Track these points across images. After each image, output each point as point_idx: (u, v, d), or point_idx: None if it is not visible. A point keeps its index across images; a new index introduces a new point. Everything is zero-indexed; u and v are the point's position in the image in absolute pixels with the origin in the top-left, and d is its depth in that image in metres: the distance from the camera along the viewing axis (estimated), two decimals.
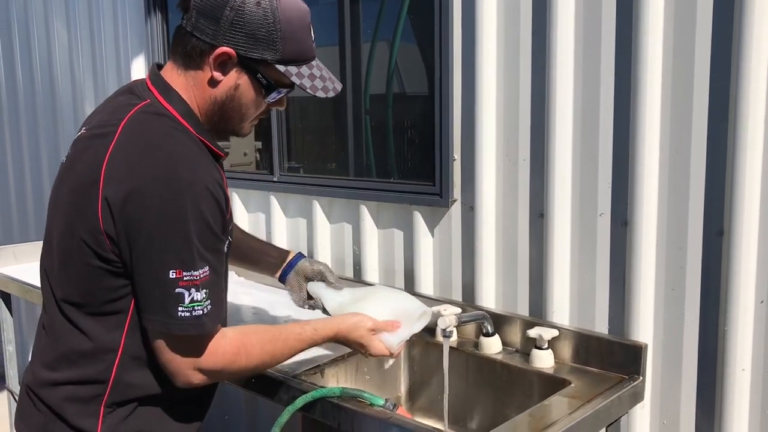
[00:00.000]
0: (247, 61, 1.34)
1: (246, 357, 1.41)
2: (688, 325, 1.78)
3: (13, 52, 4.25)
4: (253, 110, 1.43)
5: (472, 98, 2.09)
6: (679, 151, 1.74)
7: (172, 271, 1.25)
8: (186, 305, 1.27)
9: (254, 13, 1.31)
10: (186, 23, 1.35)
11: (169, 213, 1.24)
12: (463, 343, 2.07)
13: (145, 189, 1.24)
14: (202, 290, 1.28)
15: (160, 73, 1.41)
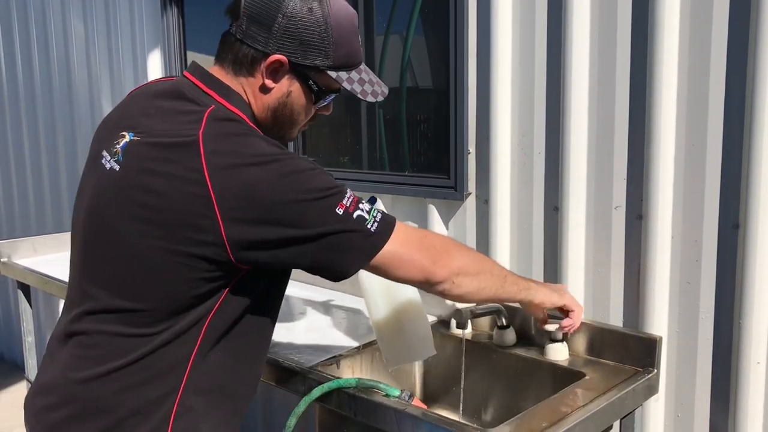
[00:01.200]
0: (299, 67, 1.33)
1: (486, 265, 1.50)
2: (703, 318, 1.79)
3: (31, 46, 4.29)
4: (303, 116, 1.42)
5: (486, 91, 2.10)
6: (695, 145, 1.74)
7: (337, 207, 1.25)
8: (368, 219, 1.28)
9: (306, 19, 1.30)
10: (236, 30, 1.33)
11: (294, 183, 1.23)
12: (478, 335, 2.08)
13: (261, 181, 1.21)
14: (362, 203, 1.30)
15: (215, 76, 1.36)
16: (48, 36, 4.13)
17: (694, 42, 1.72)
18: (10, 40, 4.47)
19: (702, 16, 1.70)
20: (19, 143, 4.55)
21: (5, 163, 4.72)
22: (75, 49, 3.94)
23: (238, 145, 1.24)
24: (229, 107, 1.34)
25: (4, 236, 4.64)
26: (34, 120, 4.37)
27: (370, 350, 1.99)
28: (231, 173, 1.21)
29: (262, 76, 1.34)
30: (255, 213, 1.22)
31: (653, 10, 1.75)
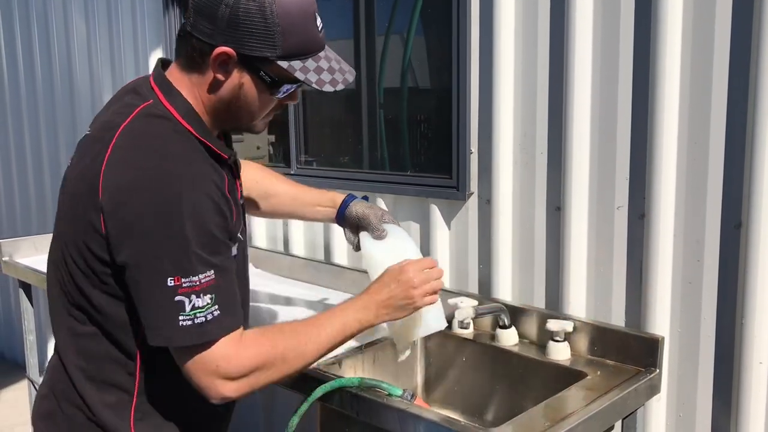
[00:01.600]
0: (247, 59, 1.28)
1: (276, 352, 1.32)
2: (705, 318, 1.79)
3: (32, 45, 4.29)
4: (262, 108, 1.37)
5: (489, 91, 2.10)
6: (697, 144, 1.74)
7: (171, 278, 1.20)
8: (187, 313, 1.21)
9: (249, 9, 1.24)
10: (186, 23, 1.31)
11: (165, 218, 1.20)
12: (480, 335, 2.08)
13: (140, 194, 1.21)
14: (206, 296, 1.22)
15: (164, 73, 1.37)
16: (50, 35, 4.13)
17: (696, 41, 1.72)
18: (12, 39, 4.48)
19: (705, 16, 1.69)
20: (21, 142, 4.55)
21: (6, 161, 4.72)
22: (77, 48, 3.94)
23: (142, 151, 1.25)
24: (165, 104, 1.32)
25: (6, 235, 4.64)
26: (36, 119, 4.37)
27: (372, 350, 1.99)
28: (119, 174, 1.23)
29: (213, 69, 1.30)
30: (117, 221, 1.22)
31: (656, 10, 1.75)
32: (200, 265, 1.21)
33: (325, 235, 2.71)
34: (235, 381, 1.28)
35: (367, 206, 1.76)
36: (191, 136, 1.32)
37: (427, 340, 2.14)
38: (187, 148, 1.29)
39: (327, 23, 1.38)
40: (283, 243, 2.89)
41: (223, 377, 1.26)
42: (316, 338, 1.40)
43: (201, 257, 1.21)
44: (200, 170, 1.27)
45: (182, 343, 1.23)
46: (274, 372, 1.33)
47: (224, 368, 1.26)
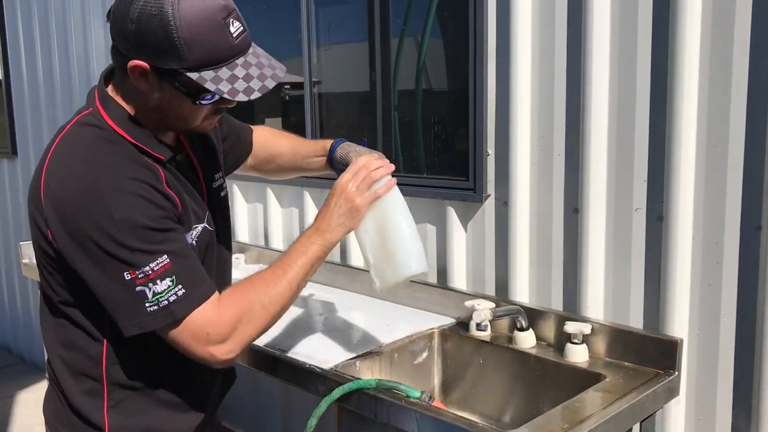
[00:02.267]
0: (160, 71, 1.29)
1: (252, 303, 1.39)
2: (725, 321, 1.78)
3: (51, 50, 4.33)
4: (192, 114, 1.38)
5: (506, 92, 2.10)
6: (716, 147, 1.73)
7: (126, 273, 1.28)
8: (150, 300, 1.29)
9: (151, 23, 1.24)
10: (112, 38, 1.35)
11: (98, 226, 1.26)
12: (497, 337, 2.08)
13: (70, 205, 1.29)
14: (164, 280, 1.29)
15: (103, 81, 1.43)
16: (68, 40, 4.17)
17: (715, 42, 1.71)
18: (31, 43, 4.52)
19: (724, 17, 1.69)
20: (39, 145, 4.60)
21: (27, 162, 4.77)
22: (95, 53, 3.97)
23: (72, 163, 1.32)
24: (101, 112, 1.38)
25: (26, 237, 4.69)
26: (54, 122, 4.42)
27: (389, 352, 2.00)
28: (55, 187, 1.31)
29: (135, 81, 1.33)
30: (65, 227, 1.30)
31: (674, 13, 1.75)
32: (146, 257, 1.28)
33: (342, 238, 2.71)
34: (226, 342, 1.35)
35: (353, 148, 1.73)
36: (124, 141, 1.37)
37: (445, 342, 2.14)
38: (113, 153, 1.34)
39: (341, 26, 1.34)
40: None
41: (215, 342, 1.34)
42: (283, 277, 1.45)
43: (144, 249, 1.28)
44: (125, 174, 1.31)
45: (156, 326, 1.31)
46: (258, 320, 1.40)
47: (213, 333, 1.34)
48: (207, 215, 1.51)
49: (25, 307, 5.07)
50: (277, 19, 2.88)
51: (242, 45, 1.31)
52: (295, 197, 2.89)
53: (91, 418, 1.45)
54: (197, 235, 1.46)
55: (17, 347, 5.28)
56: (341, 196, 1.55)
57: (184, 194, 1.43)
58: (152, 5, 1.24)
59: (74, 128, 1.39)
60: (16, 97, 4.80)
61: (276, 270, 1.46)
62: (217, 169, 1.64)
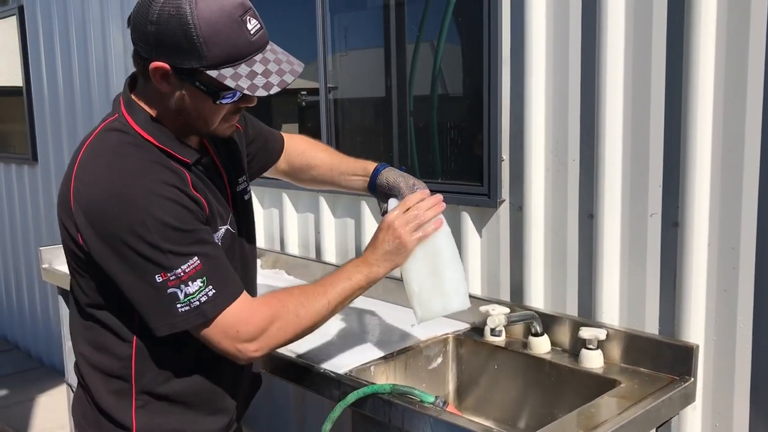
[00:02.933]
0: (181, 71, 1.32)
1: (284, 309, 1.43)
2: (741, 327, 1.77)
3: (71, 57, 4.39)
4: (213, 114, 1.40)
5: (520, 98, 2.10)
6: (732, 151, 1.73)
7: (157, 275, 1.31)
8: (182, 301, 1.32)
9: (170, 23, 1.27)
10: (132, 43, 1.38)
11: (128, 227, 1.29)
12: (512, 342, 2.08)
13: (100, 210, 1.31)
14: (195, 281, 1.32)
15: (127, 87, 1.46)
16: (88, 46, 4.22)
17: (730, 47, 1.70)
18: (51, 50, 4.58)
19: (740, 23, 1.68)
20: (59, 148, 4.66)
21: (47, 168, 4.83)
22: (113, 59, 4.02)
23: (101, 168, 1.35)
24: (127, 117, 1.41)
25: (46, 242, 4.74)
26: (74, 128, 4.47)
27: (404, 356, 2.00)
28: (85, 193, 1.34)
29: (156, 82, 1.35)
30: (96, 231, 1.33)
31: (689, 16, 1.74)
32: (178, 258, 1.31)
33: (357, 242, 2.73)
34: (255, 341, 1.40)
35: (399, 174, 1.75)
36: (150, 145, 1.40)
37: (459, 347, 2.14)
38: (142, 159, 1.36)
39: (357, 31, 1.36)
40: (315, 250, 2.92)
41: (244, 340, 1.39)
42: (324, 295, 1.49)
43: (175, 251, 1.31)
44: (152, 177, 1.34)
45: (187, 326, 1.35)
46: (289, 327, 1.44)
47: (243, 331, 1.38)
48: (231, 217, 1.53)
49: (45, 312, 5.12)
50: (292, 25, 2.90)
51: (260, 42, 1.34)
52: (311, 203, 2.91)
53: (119, 418, 1.47)
54: (221, 236, 1.48)
55: (36, 351, 5.34)
56: (390, 231, 1.58)
57: (210, 196, 1.46)
58: (170, 6, 1.27)
59: (101, 134, 1.41)
60: (36, 104, 4.87)
61: (318, 287, 1.51)
62: (241, 172, 1.66)
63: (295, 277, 2.87)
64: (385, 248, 1.58)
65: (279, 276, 2.90)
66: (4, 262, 5.65)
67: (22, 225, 5.26)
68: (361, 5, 2.72)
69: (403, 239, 1.58)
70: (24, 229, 5.24)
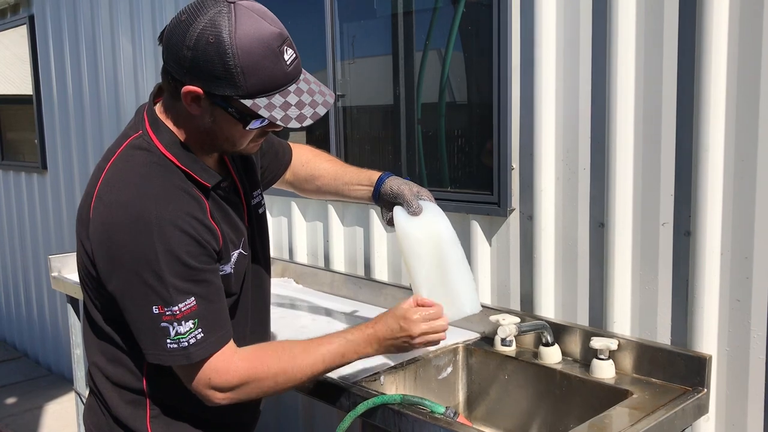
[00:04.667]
0: (214, 97, 1.31)
1: (263, 370, 1.42)
2: (755, 337, 1.75)
3: (81, 66, 4.41)
4: (241, 138, 1.40)
5: (530, 106, 2.09)
6: (744, 160, 1.71)
7: (155, 306, 1.31)
8: (172, 338, 1.33)
9: (208, 52, 1.26)
10: (164, 61, 1.37)
11: (139, 253, 1.30)
12: (523, 352, 2.07)
13: (116, 230, 1.32)
14: (188, 322, 1.33)
15: (152, 104, 1.45)
16: (97, 55, 4.24)
17: (742, 57, 1.69)
18: (61, 60, 4.61)
19: (752, 34, 1.67)
20: (68, 158, 4.67)
21: (56, 177, 4.85)
22: (123, 69, 4.03)
23: (123, 189, 1.35)
24: (152, 136, 1.41)
25: (55, 251, 4.76)
26: (83, 137, 4.49)
27: (413, 366, 1.99)
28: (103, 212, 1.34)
29: (187, 104, 1.34)
30: (106, 251, 1.34)
31: (700, 26, 1.73)
32: (179, 295, 1.32)
33: (365, 251, 2.72)
34: (224, 393, 1.41)
35: (403, 182, 1.74)
36: (173, 166, 1.39)
37: (469, 357, 2.13)
38: (163, 182, 1.36)
39: (365, 40, 1.36)
40: (324, 259, 2.92)
41: (214, 388, 1.39)
42: (310, 366, 1.48)
43: (178, 287, 1.32)
44: (174, 205, 1.34)
45: (172, 363, 1.36)
46: (264, 388, 1.44)
47: (215, 380, 1.39)
48: (243, 240, 1.52)
49: (54, 319, 5.13)
50: (302, 33, 2.91)
51: (295, 72, 1.33)
52: (320, 211, 2.91)
53: (134, 427, 1.48)
54: (234, 261, 1.48)
55: (45, 359, 5.35)
56: (406, 332, 1.52)
57: (224, 224, 1.45)
58: (210, 33, 1.25)
59: (125, 152, 1.40)
60: (46, 113, 4.89)
61: (306, 355, 1.47)
62: (255, 186, 1.66)
63: (303, 285, 2.86)
64: (393, 342, 1.53)
65: (287, 285, 2.90)
66: (14, 271, 5.67)
67: (31, 233, 5.28)
68: (370, 14, 2.73)
69: (413, 345, 1.55)
70: (33, 237, 5.26)
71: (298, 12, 2.92)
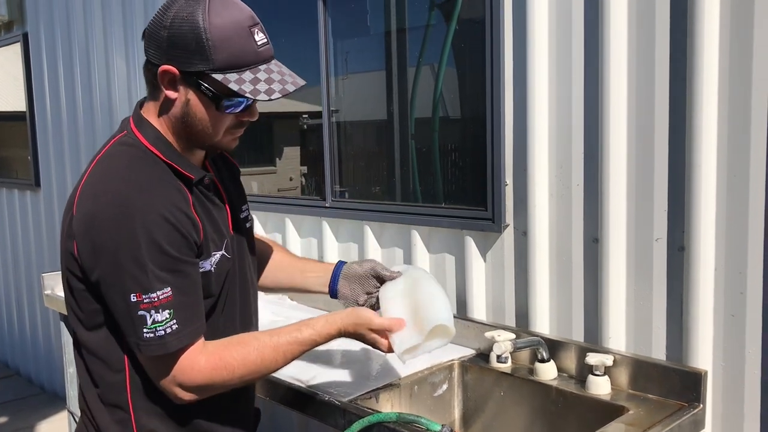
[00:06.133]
0: (188, 75, 1.37)
1: (227, 370, 1.43)
2: (750, 353, 1.75)
3: (74, 83, 4.41)
4: (216, 124, 1.43)
5: (524, 122, 2.10)
6: (736, 175, 1.72)
7: (133, 294, 1.33)
8: (149, 326, 1.34)
9: (182, 27, 1.34)
10: (145, 52, 1.43)
11: (122, 240, 1.32)
12: (518, 369, 2.06)
13: (100, 218, 1.34)
14: (164, 311, 1.34)
15: (137, 105, 1.51)
16: (91, 73, 4.24)
17: (733, 73, 1.70)
18: (55, 76, 4.61)
19: (742, 46, 1.68)
20: (62, 177, 4.66)
21: (49, 194, 4.84)
22: (117, 87, 4.04)
23: (107, 178, 1.39)
24: (136, 133, 1.46)
25: (48, 268, 4.73)
26: (77, 154, 4.48)
27: (409, 384, 1.98)
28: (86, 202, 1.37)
29: (164, 87, 1.40)
30: (90, 238, 1.35)
31: (691, 44, 1.74)
32: (157, 282, 1.34)
33: None
34: (190, 391, 1.42)
35: (361, 261, 1.80)
36: (158, 159, 1.44)
37: (465, 374, 2.12)
38: (149, 173, 1.40)
39: (359, 56, 1.39)
40: None
41: (178, 385, 1.40)
42: (273, 361, 1.49)
43: (157, 275, 1.33)
44: (158, 194, 1.37)
45: (148, 353, 1.37)
46: (228, 384, 1.46)
47: (179, 378, 1.40)
48: (225, 243, 1.52)
49: (46, 338, 5.10)
50: (296, 49, 2.92)
51: (266, 54, 1.40)
52: (314, 227, 2.90)
53: None
54: (216, 262, 1.49)
55: (38, 377, 5.31)
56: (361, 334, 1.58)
57: (206, 221, 1.47)
58: (185, 11, 1.34)
59: (110, 150, 1.45)
60: (39, 130, 4.89)
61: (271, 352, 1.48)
62: (243, 200, 1.68)
63: (298, 302, 2.85)
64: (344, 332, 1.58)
65: (282, 301, 2.89)
66: (6, 288, 5.64)
67: (24, 251, 5.26)
68: (364, 30, 2.74)
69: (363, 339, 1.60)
70: (26, 254, 5.24)
71: (293, 28, 2.93)
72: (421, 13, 2.50)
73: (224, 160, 1.69)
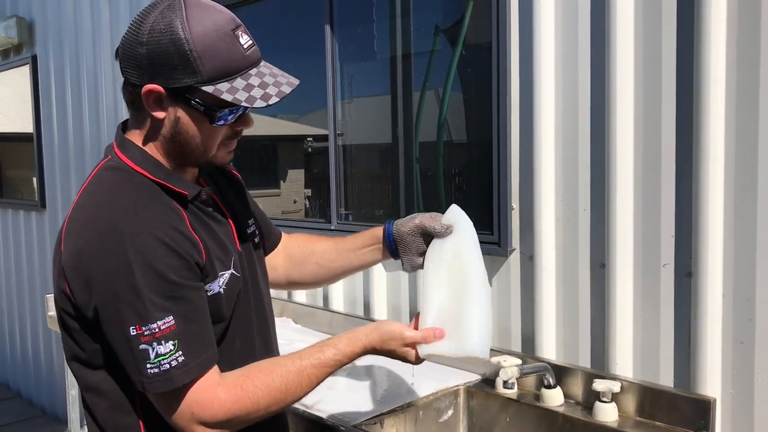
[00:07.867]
0: (176, 91, 1.27)
1: (251, 401, 1.31)
2: (759, 380, 1.73)
3: (82, 104, 4.44)
4: (210, 139, 1.33)
5: (530, 147, 2.10)
6: (744, 202, 1.72)
7: (132, 327, 1.22)
8: (152, 361, 1.23)
9: (161, 41, 1.23)
10: (122, 72, 1.32)
11: (114, 268, 1.22)
12: (524, 395, 2.04)
13: (88, 250, 1.24)
14: (167, 342, 1.23)
15: (120, 130, 1.40)
16: (99, 96, 4.27)
17: (741, 95, 1.70)
18: (63, 98, 4.64)
19: (749, 73, 1.69)
20: (67, 198, 4.67)
21: (54, 215, 4.84)
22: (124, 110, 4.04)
23: (93, 206, 1.30)
24: (121, 156, 1.35)
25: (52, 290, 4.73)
26: (83, 177, 4.49)
27: (414, 409, 1.97)
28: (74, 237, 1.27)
29: (150, 109, 1.30)
30: (80, 272, 1.25)
31: (698, 61, 1.75)
32: (157, 311, 1.22)
33: (365, 291, 2.71)
34: (211, 427, 1.29)
35: (411, 217, 1.61)
36: (147, 180, 1.33)
37: (471, 400, 2.10)
38: (136, 195, 1.30)
39: (365, 80, 1.31)
40: (323, 298, 2.90)
41: (200, 423, 1.28)
42: (298, 386, 1.36)
43: (156, 303, 1.22)
44: (148, 215, 1.27)
45: (155, 390, 1.25)
46: (251, 417, 1.32)
47: (198, 414, 1.27)
48: (233, 260, 1.42)
49: (48, 360, 5.08)
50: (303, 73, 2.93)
51: (254, 57, 1.31)
52: None
53: None
54: (225, 282, 1.38)
55: (39, 399, 5.28)
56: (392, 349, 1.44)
57: (207, 239, 1.36)
58: (161, 23, 1.24)
59: (96, 177, 1.36)
60: (46, 151, 4.91)
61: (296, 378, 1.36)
62: (248, 214, 1.58)
63: (302, 325, 2.84)
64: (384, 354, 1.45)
65: (286, 324, 2.87)
66: (9, 309, 5.63)
67: (28, 271, 5.26)
68: (370, 55, 2.76)
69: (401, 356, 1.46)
70: (30, 275, 5.24)
71: (300, 52, 2.95)
72: (426, 38, 2.52)
73: (223, 173, 1.58)
